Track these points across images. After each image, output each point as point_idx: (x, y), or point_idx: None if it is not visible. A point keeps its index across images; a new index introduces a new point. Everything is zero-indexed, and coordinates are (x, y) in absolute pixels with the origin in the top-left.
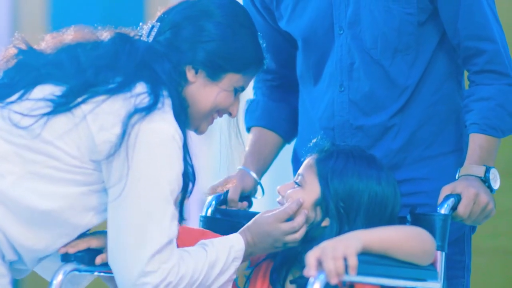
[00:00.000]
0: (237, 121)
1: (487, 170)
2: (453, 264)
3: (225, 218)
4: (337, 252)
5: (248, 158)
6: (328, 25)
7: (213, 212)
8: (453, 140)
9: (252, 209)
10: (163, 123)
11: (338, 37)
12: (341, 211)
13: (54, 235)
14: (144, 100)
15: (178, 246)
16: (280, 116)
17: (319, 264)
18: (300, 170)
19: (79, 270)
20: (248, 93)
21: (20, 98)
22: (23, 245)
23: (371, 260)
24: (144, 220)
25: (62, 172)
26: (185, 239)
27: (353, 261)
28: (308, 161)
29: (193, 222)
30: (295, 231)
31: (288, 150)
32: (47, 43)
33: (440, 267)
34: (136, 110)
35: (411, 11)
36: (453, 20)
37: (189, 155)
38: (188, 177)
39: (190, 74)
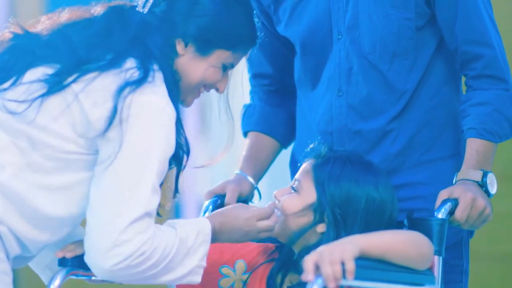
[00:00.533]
0: (227, 96)
1: (485, 175)
2: (451, 268)
3: None
4: (335, 256)
5: (245, 162)
6: (326, 29)
7: None
8: (451, 144)
9: None
10: (154, 96)
11: (337, 42)
12: (337, 217)
13: (56, 227)
14: (134, 74)
15: None
16: (277, 121)
17: (317, 268)
18: (297, 175)
19: (77, 275)
20: (245, 98)
21: (13, 84)
22: (26, 237)
23: (368, 265)
24: (125, 189)
25: (58, 162)
26: None
27: (350, 265)
28: (305, 166)
29: None
30: (270, 230)
31: (285, 154)
32: (43, 24)
33: (438, 271)
34: (127, 84)
35: (409, 16)
36: (450, 25)
37: (182, 127)
38: (182, 149)
39: (179, 46)
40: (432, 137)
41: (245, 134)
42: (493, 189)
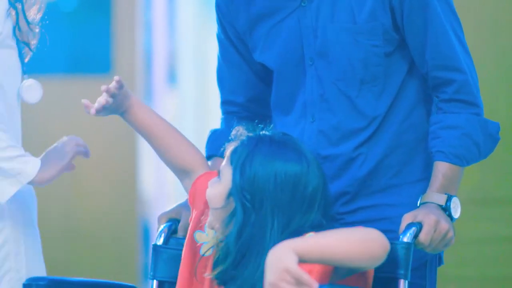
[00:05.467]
0: None
1: (449, 199)
2: (412, 286)
3: (179, 248)
4: (278, 268)
5: None
6: (299, 56)
7: (164, 240)
8: (421, 169)
9: None
10: None
11: (309, 68)
12: (245, 202)
13: None
14: None
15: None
16: None
17: None
18: (223, 162)
19: None
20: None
21: None
22: None
23: None
24: None
25: None
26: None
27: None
28: (227, 151)
29: None
30: None
31: None
32: None
33: None
34: None
35: (377, 43)
36: (420, 51)
37: None
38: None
39: None
40: (401, 161)
41: (209, 158)
42: (456, 214)
